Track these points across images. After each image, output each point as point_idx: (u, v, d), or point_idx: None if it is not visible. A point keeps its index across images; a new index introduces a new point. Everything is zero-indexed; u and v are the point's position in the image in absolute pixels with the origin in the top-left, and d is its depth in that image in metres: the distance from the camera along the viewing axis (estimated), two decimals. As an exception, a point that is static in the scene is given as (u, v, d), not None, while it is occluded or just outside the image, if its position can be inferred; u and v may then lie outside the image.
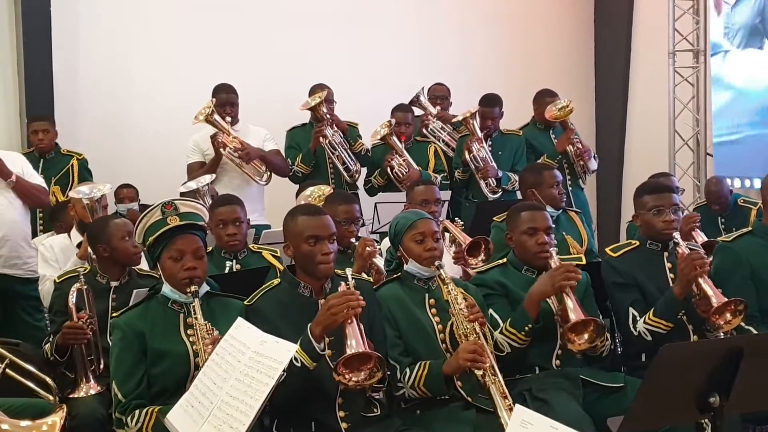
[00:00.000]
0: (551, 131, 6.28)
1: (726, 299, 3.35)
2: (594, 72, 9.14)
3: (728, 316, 3.36)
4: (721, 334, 3.38)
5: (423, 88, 7.02)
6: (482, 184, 6.11)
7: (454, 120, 6.41)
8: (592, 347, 3.34)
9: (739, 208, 6.17)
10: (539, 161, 6.03)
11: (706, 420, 3.06)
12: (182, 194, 5.04)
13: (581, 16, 9.09)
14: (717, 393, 2.45)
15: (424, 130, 6.71)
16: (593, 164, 6.22)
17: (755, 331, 3.47)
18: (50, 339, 3.80)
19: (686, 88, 8.22)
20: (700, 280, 3.41)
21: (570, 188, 6.06)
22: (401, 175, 6.06)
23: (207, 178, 5.39)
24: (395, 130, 6.18)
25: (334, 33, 7.96)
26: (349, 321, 2.82)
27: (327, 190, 5.03)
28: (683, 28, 8.14)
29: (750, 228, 3.90)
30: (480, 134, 6.16)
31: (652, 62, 8.40)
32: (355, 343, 2.79)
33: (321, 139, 6.06)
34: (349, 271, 3.05)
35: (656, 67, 8.27)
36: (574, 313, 3.29)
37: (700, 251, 3.60)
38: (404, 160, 6.10)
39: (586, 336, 3.31)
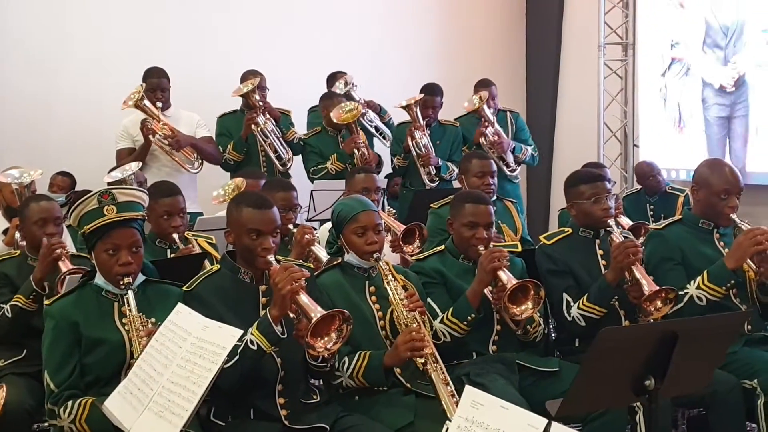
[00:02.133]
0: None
1: (657, 287, 3.44)
2: (525, 64, 9.24)
3: (659, 303, 3.45)
4: (651, 320, 3.46)
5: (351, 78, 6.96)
6: (422, 171, 6.13)
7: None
8: (530, 317, 3.42)
9: (668, 195, 6.37)
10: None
11: (638, 404, 3.18)
12: (109, 185, 4.92)
13: (513, 8, 9.18)
14: (652, 376, 2.50)
15: (361, 120, 6.69)
16: (509, 157, 6.30)
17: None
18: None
19: (615, 81, 8.40)
20: (633, 268, 3.48)
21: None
22: (366, 158, 5.93)
23: (133, 166, 5.27)
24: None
25: (267, 18, 7.86)
26: (298, 293, 2.80)
27: (240, 182, 4.94)
28: (612, 22, 8.31)
29: (680, 216, 4.00)
30: (422, 122, 6.18)
31: (582, 55, 8.55)
32: (314, 309, 2.77)
33: (253, 126, 5.99)
34: None
35: (586, 59, 8.41)
36: (509, 283, 3.35)
37: (633, 240, 3.68)
38: (364, 143, 6.03)
39: (529, 303, 3.36)
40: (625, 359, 2.49)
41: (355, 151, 5.92)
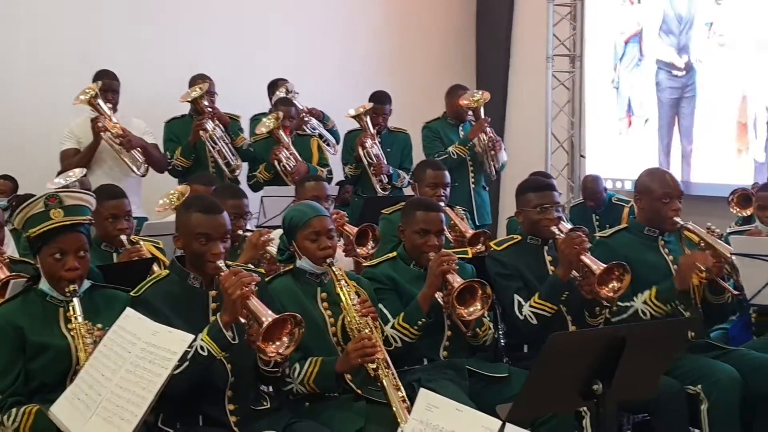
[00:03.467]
0: (461, 127, 6.32)
1: (606, 266, 3.50)
2: (475, 74, 9.33)
3: (614, 283, 3.52)
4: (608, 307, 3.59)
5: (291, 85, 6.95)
6: (374, 180, 6.13)
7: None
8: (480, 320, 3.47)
9: (613, 206, 6.50)
10: (451, 148, 6.06)
11: (585, 408, 3.22)
12: (51, 191, 4.82)
13: (464, 17, 9.26)
14: (600, 381, 2.54)
15: (305, 127, 6.69)
16: (503, 155, 6.25)
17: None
18: None
19: (563, 92, 8.52)
20: (582, 257, 3.55)
21: (473, 187, 6.14)
22: (288, 169, 6.01)
23: (77, 173, 5.16)
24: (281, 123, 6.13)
25: (214, 25, 7.81)
26: (249, 298, 2.78)
27: (184, 189, 4.90)
28: (561, 34, 8.44)
29: (625, 224, 4.09)
30: (372, 130, 6.19)
31: (531, 66, 8.67)
32: (265, 313, 2.75)
33: (201, 132, 5.94)
34: None
35: (534, 70, 8.53)
36: (456, 281, 3.38)
37: (578, 232, 3.75)
38: (291, 154, 6.05)
39: (478, 304, 3.39)
40: (573, 364, 2.52)
41: (276, 163, 5.94)
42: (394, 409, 2.93)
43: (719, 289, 3.74)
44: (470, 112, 6.18)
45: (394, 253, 3.74)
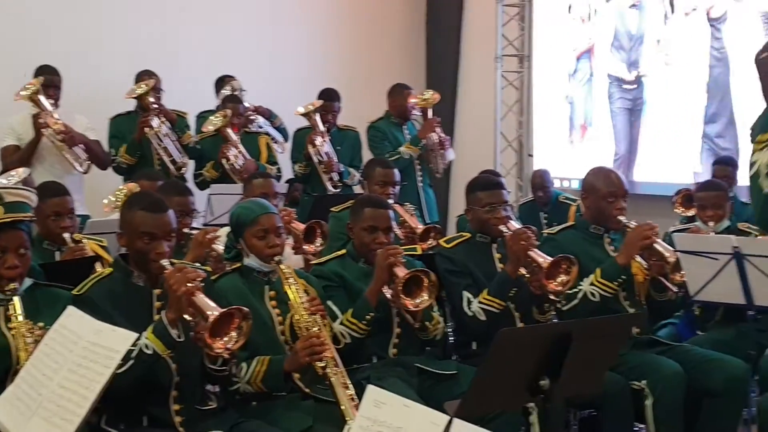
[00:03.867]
0: (405, 126, 6.32)
1: (553, 259, 3.54)
2: (425, 73, 9.35)
3: (562, 277, 3.55)
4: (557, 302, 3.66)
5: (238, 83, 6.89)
6: (325, 178, 6.10)
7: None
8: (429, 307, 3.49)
9: (560, 205, 6.60)
10: (403, 148, 6.07)
11: (533, 404, 3.24)
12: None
13: (414, 17, 9.27)
14: (547, 376, 2.55)
15: (250, 126, 6.63)
16: (451, 154, 6.30)
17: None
18: None
19: (512, 92, 8.59)
20: (529, 252, 3.58)
21: (420, 185, 6.14)
22: (237, 167, 5.95)
23: (21, 172, 5.02)
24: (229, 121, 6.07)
25: (158, 17, 7.66)
26: (194, 294, 2.74)
27: (133, 187, 4.82)
28: (509, 34, 8.50)
29: (573, 222, 4.14)
30: (322, 128, 6.16)
31: (480, 66, 8.71)
32: (211, 308, 2.71)
33: (146, 129, 5.86)
34: None
35: (484, 70, 8.58)
36: (401, 272, 3.39)
37: (524, 229, 3.78)
38: (239, 152, 5.99)
39: (425, 295, 3.39)
40: (521, 360, 2.54)
41: (224, 161, 5.89)
42: (342, 407, 2.92)
43: (662, 287, 3.81)
44: (414, 111, 6.21)
45: (343, 251, 3.73)
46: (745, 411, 3.76)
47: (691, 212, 5.37)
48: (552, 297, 3.67)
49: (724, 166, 6.03)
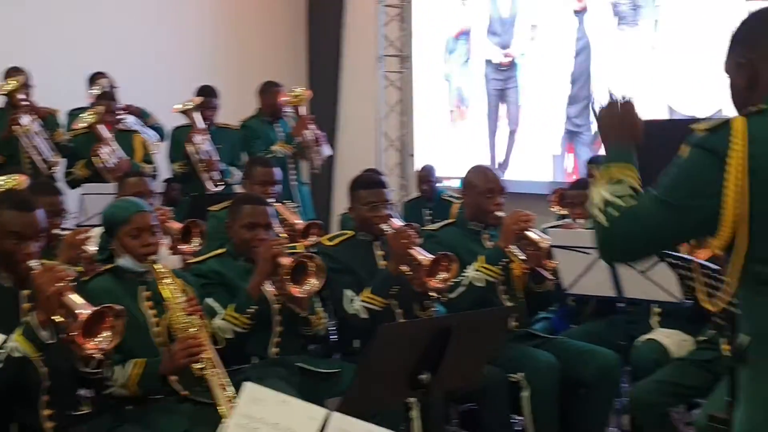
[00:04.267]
0: (277, 124, 6.27)
1: (433, 256, 3.58)
2: (307, 72, 9.31)
3: (443, 274, 3.59)
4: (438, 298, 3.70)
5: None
6: (205, 177, 5.98)
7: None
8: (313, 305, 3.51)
9: (443, 202, 6.70)
10: (277, 147, 6.02)
11: (415, 400, 3.27)
12: None
13: (295, 16, 9.22)
14: (427, 371, 2.58)
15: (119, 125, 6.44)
16: (327, 149, 6.32)
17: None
18: None
19: (394, 92, 8.66)
20: (410, 250, 3.61)
21: (294, 183, 6.13)
22: (109, 166, 5.76)
23: None
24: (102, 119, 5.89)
25: (32, 10, 7.39)
26: (64, 294, 2.63)
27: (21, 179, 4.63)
28: (391, 34, 8.56)
29: (453, 219, 4.21)
30: (202, 126, 6.04)
31: (362, 65, 8.75)
32: (82, 306, 2.60)
33: (16, 127, 5.62)
34: None
35: (365, 70, 8.61)
36: (286, 260, 3.36)
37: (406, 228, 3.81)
38: (113, 150, 5.81)
39: (313, 279, 3.38)
40: (401, 355, 2.55)
41: (96, 159, 5.75)
42: (220, 409, 2.87)
43: (540, 278, 3.92)
44: (286, 108, 6.24)
45: (223, 249, 3.67)
46: (618, 401, 3.90)
47: (566, 210, 5.55)
48: (433, 294, 3.71)
49: (598, 164, 6.23)
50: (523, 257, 3.91)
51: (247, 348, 3.46)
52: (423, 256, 3.60)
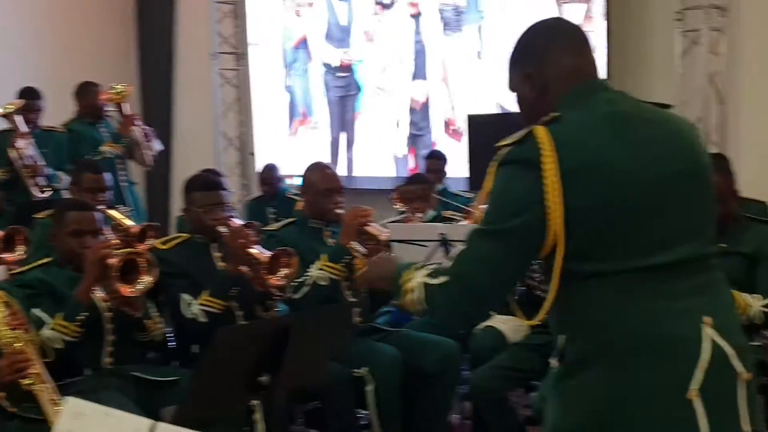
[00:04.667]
0: (101, 124, 6.07)
1: (272, 253, 3.55)
2: (137, 71, 9.01)
3: (283, 270, 3.56)
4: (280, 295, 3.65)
5: None
6: (30, 183, 5.67)
7: None
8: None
9: (288, 201, 6.66)
10: (106, 148, 5.84)
11: (258, 402, 3.22)
12: None
13: (122, 13, 8.90)
14: (268, 372, 2.54)
15: None
16: (158, 144, 6.15)
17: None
18: None
19: (232, 90, 8.52)
20: (248, 249, 3.55)
21: (124, 185, 5.95)
22: None
23: None
24: None
25: None
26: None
27: None
28: (225, 31, 8.41)
29: (294, 219, 4.20)
30: (26, 129, 5.73)
31: (196, 63, 8.56)
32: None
33: None
34: None
35: (200, 67, 8.43)
36: (113, 260, 3.25)
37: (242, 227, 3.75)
38: None
39: (146, 276, 3.29)
40: (240, 358, 2.51)
41: None
42: (51, 425, 2.71)
43: None
44: (107, 107, 6.06)
45: (49, 258, 3.49)
46: (461, 388, 3.99)
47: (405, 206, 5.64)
48: (275, 292, 3.67)
49: (435, 159, 6.42)
50: (365, 252, 3.93)
51: (78, 359, 3.30)
52: (261, 254, 3.56)
